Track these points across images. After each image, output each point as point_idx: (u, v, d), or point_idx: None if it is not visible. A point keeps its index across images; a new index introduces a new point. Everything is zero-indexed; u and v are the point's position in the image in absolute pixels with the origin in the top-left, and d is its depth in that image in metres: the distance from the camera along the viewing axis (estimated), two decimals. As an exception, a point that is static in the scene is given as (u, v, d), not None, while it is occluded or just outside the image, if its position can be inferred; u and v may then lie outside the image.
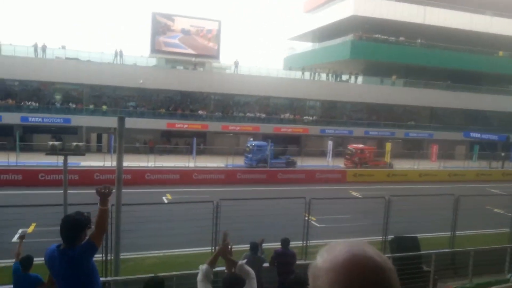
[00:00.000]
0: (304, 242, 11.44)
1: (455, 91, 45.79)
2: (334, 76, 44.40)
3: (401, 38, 45.74)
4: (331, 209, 13.88)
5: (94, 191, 3.78)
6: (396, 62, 45.34)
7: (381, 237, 12.39)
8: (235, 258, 8.68)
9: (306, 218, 11.45)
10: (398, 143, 42.73)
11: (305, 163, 32.52)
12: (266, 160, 31.14)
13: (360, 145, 35.56)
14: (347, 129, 42.05)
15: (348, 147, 35.33)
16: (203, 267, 3.68)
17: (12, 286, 6.88)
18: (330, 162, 33.22)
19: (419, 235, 12.47)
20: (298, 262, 9.14)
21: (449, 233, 13.44)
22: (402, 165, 34.89)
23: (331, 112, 44.79)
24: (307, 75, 43.57)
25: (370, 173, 31.48)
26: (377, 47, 44.52)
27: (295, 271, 8.39)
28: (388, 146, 34.72)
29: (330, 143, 33.95)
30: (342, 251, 1.08)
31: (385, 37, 45.39)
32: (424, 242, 12.50)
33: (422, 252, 11.48)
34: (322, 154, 36.54)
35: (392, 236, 11.93)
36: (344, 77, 45.39)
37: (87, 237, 3.44)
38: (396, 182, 30.12)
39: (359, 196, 23.45)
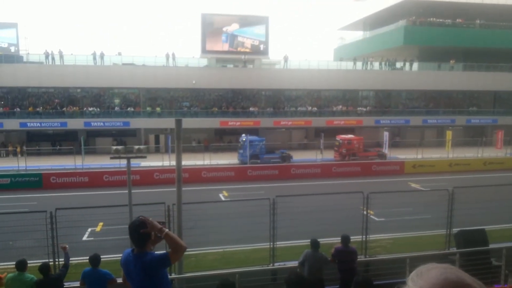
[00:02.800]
0: (364, 237, 11.21)
1: (520, 73, 42.83)
2: (387, 64, 43.01)
3: (458, 20, 43.39)
4: (390, 202, 13.48)
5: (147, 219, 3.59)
6: (453, 46, 43.10)
7: (445, 231, 11.90)
8: (297, 255, 8.71)
9: (365, 213, 11.21)
10: (459, 131, 40.68)
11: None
12: (258, 155, 30.71)
13: (349, 136, 33.74)
14: (404, 118, 40.64)
15: (336, 138, 33.62)
16: None
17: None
18: (386, 154, 32.25)
19: (486, 227, 11.84)
20: (358, 259, 8.99)
21: (520, 225, 12.64)
22: (465, 153, 33.17)
23: (386, 101, 43.44)
24: (359, 65, 42.55)
25: (430, 163, 30.22)
26: (432, 31, 42.57)
27: (357, 268, 8.27)
28: (449, 134, 33.10)
29: (386, 134, 32.93)
30: (439, 278, 1.03)
31: (441, 20, 43.25)
32: (492, 235, 11.86)
33: (491, 246, 10.87)
34: (378, 145, 35.59)
35: (457, 230, 11.40)
36: (398, 65, 43.86)
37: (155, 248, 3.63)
38: (458, 172, 28.73)
39: (420, 189, 22.62)
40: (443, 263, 1.10)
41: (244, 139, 31.21)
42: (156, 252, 3.60)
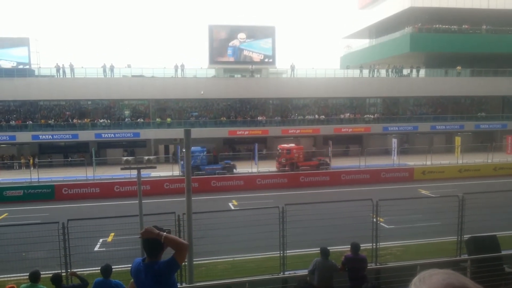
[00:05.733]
0: (374, 244, 11.19)
1: (529, 77, 42.54)
2: (394, 71, 42.99)
3: (465, 26, 43.33)
4: (400, 209, 13.42)
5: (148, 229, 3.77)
6: (460, 52, 42.99)
7: (456, 238, 11.82)
8: (307, 263, 8.71)
9: (374, 220, 11.20)
10: (468, 136, 40.41)
11: (368, 162, 31.71)
12: (199, 166, 30.10)
13: (290, 145, 33.17)
14: (412, 125, 40.52)
15: (278, 148, 33.28)
16: None
17: None
18: (395, 161, 32.12)
19: (498, 234, 11.75)
20: (369, 266, 8.98)
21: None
22: (474, 159, 32.92)
23: (393, 108, 43.36)
24: (365, 72, 42.57)
25: (440, 169, 30.05)
26: (438, 38, 42.54)
27: (367, 276, 8.26)
28: (458, 140, 32.90)
29: (394, 141, 32.83)
30: (442, 283, 1.05)
31: (447, 26, 43.25)
32: (505, 241, 11.76)
33: (503, 252, 10.78)
34: (386, 152, 35.46)
35: (468, 236, 11.33)
36: (405, 72, 43.83)
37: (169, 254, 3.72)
38: (468, 177, 28.51)
39: (430, 195, 22.49)
40: (445, 269, 1.13)
41: (183, 150, 30.80)
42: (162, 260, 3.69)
